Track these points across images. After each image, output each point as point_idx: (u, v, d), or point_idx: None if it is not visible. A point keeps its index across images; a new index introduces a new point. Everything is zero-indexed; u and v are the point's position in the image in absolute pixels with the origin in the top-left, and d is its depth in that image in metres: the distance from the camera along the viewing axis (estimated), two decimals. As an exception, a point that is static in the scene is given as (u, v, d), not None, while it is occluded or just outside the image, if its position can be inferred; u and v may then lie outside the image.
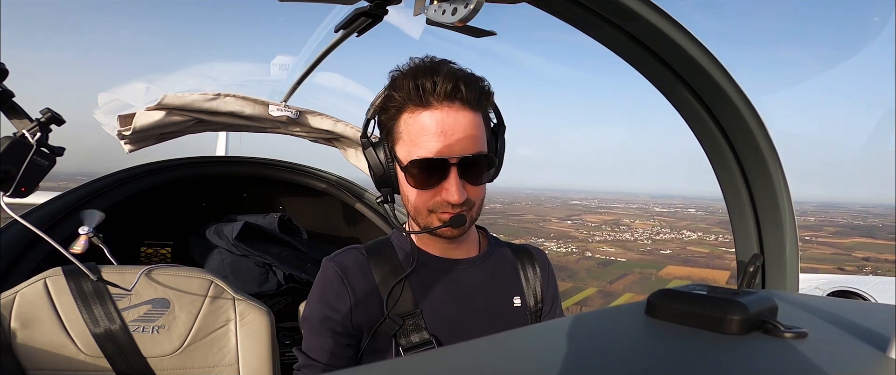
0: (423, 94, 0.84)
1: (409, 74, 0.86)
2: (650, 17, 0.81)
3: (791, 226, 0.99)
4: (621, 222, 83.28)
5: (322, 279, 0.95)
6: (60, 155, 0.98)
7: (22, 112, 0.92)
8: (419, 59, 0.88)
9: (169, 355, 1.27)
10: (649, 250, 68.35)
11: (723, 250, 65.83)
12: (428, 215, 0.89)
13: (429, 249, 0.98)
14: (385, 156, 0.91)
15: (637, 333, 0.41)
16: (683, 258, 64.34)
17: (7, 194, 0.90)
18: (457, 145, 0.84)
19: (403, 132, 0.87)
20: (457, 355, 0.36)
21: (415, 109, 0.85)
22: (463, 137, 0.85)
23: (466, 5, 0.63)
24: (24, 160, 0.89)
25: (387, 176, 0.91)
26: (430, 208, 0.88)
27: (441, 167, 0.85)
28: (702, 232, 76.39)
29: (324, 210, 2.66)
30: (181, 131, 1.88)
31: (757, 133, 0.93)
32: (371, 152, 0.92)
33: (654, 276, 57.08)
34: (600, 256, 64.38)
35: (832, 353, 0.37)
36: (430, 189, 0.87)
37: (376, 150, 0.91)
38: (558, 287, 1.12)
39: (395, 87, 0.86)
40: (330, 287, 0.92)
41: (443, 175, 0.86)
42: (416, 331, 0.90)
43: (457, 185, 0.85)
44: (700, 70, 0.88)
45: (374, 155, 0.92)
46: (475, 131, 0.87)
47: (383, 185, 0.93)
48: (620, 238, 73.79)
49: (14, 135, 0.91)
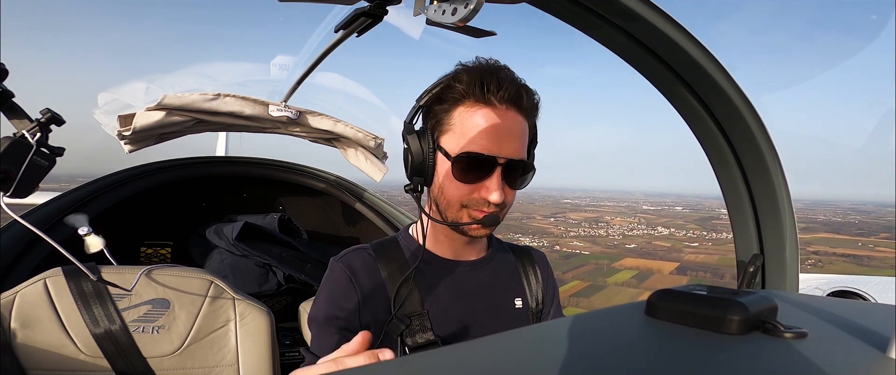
0: (486, 92, 0.86)
1: (476, 70, 0.87)
2: (650, 17, 0.81)
3: (791, 226, 0.99)
4: (602, 219, 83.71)
5: (330, 279, 0.95)
6: (60, 155, 0.98)
7: (22, 112, 0.92)
8: (484, 59, 0.90)
9: (169, 355, 1.27)
10: (616, 244, 69.42)
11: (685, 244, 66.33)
12: (459, 209, 0.90)
13: (436, 250, 0.98)
14: (427, 145, 0.90)
15: (637, 333, 0.41)
16: (644, 252, 65.24)
17: (7, 194, 0.90)
18: (507, 146, 0.87)
19: (457, 124, 0.88)
20: (460, 354, 0.36)
21: (474, 105, 0.87)
22: (513, 141, 0.87)
23: (466, 5, 0.63)
24: (24, 161, 0.90)
25: (425, 165, 0.91)
26: (465, 202, 0.89)
27: (488, 165, 0.87)
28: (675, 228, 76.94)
29: (323, 210, 2.66)
30: (181, 132, 1.88)
31: (757, 133, 0.93)
32: (414, 137, 0.91)
33: (607, 266, 58.89)
34: (567, 249, 65.58)
35: (832, 353, 0.37)
36: (471, 184, 0.88)
37: (421, 137, 0.91)
38: (558, 289, 1.12)
39: (460, 79, 0.87)
40: (337, 287, 0.92)
41: (487, 173, 0.87)
42: (422, 331, 0.90)
43: (499, 184, 0.87)
44: (700, 70, 0.88)
45: (416, 142, 0.91)
46: (523, 138, 0.90)
47: (418, 173, 0.92)
48: (594, 234, 74.92)
49: (14, 135, 0.91)
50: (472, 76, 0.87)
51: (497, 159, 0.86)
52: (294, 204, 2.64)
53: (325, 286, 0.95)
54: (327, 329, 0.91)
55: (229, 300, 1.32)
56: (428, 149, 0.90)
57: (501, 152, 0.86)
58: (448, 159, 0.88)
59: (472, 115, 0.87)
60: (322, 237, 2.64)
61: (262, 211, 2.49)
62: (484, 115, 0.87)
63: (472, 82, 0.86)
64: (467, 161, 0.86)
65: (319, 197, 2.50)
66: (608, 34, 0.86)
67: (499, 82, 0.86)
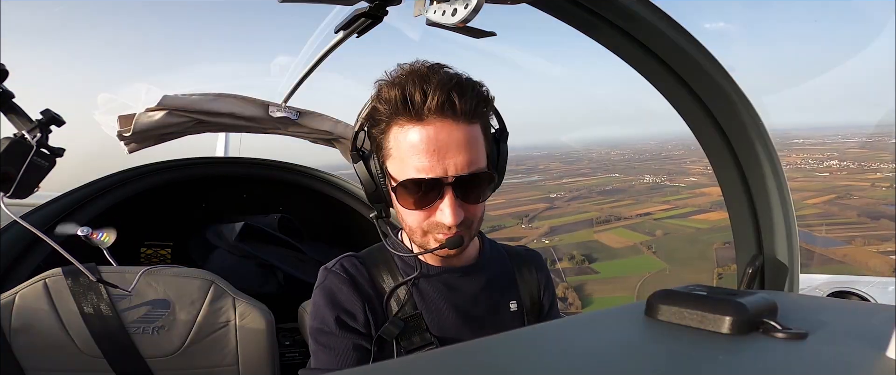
0: (412, 107, 0.76)
1: (396, 83, 0.78)
2: (650, 18, 0.81)
3: (791, 226, 0.99)
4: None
5: (326, 286, 0.91)
6: (60, 156, 0.98)
7: (22, 113, 0.92)
8: (409, 65, 0.80)
9: (169, 355, 1.27)
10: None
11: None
12: (423, 235, 0.85)
13: (426, 259, 0.95)
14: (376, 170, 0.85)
15: (636, 334, 0.41)
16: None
17: (7, 194, 0.91)
18: (451, 163, 0.77)
19: (393, 148, 0.81)
20: (459, 355, 0.36)
21: (404, 124, 0.78)
22: (458, 154, 0.78)
23: (466, 6, 0.63)
24: (24, 161, 0.90)
25: (379, 192, 0.86)
26: (425, 229, 0.84)
27: (436, 187, 0.79)
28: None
29: (324, 211, 2.66)
30: (181, 132, 1.88)
31: (756, 133, 0.93)
32: (361, 166, 0.85)
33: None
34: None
35: (832, 353, 0.37)
36: (425, 209, 0.81)
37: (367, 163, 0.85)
38: (555, 288, 1.11)
39: (382, 98, 0.79)
40: (339, 292, 0.90)
41: (438, 195, 0.80)
42: (417, 332, 0.89)
43: (452, 207, 0.79)
44: (700, 70, 0.88)
45: (364, 170, 0.85)
46: (472, 146, 0.79)
47: (377, 201, 0.87)
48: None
49: (14, 136, 0.91)
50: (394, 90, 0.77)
51: (443, 180, 0.78)
52: (294, 204, 2.63)
53: (323, 295, 0.91)
54: (338, 334, 0.88)
55: (229, 301, 1.32)
56: (378, 175, 0.85)
57: (447, 172, 0.78)
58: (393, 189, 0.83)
59: (405, 135, 0.78)
60: (322, 238, 2.63)
61: (263, 211, 2.48)
62: (417, 132, 0.77)
63: (394, 98, 0.77)
64: (411, 188, 0.79)
65: (319, 197, 2.49)
66: (608, 34, 0.86)
67: (424, 92, 0.76)
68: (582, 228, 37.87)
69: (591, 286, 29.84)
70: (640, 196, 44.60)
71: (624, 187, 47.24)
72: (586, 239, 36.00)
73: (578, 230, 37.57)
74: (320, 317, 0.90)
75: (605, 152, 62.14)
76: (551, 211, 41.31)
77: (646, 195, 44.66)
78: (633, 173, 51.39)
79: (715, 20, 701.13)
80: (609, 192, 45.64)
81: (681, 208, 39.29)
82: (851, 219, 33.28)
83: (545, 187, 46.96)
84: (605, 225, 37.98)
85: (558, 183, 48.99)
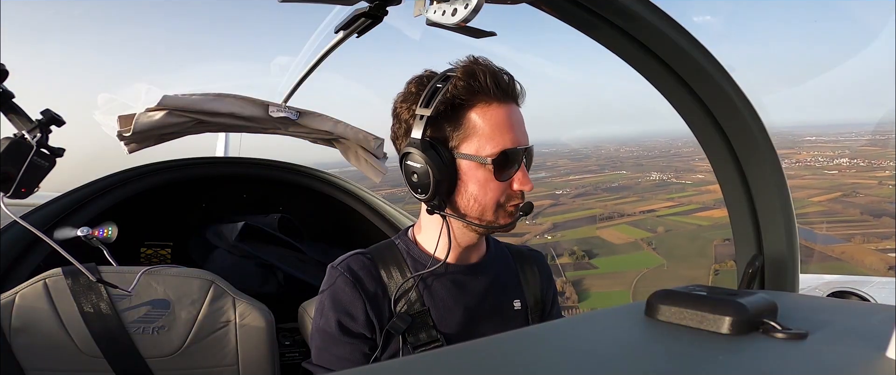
0: (500, 87, 0.87)
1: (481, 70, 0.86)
2: (650, 17, 0.81)
3: (791, 226, 0.99)
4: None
5: (331, 286, 0.93)
6: (60, 156, 0.98)
7: (22, 113, 0.92)
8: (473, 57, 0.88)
9: (169, 355, 1.27)
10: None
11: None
12: (495, 210, 0.90)
13: (439, 254, 0.94)
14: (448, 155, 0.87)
15: (636, 334, 0.41)
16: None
17: (7, 194, 0.91)
18: (524, 136, 0.90)
19: (479, 126, 0.87)
20: (463, 354, 0.36)
21: (490, 103, 0.87)
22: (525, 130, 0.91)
23: (466, 6, 0.63)
24: (24, 161, 0.90)
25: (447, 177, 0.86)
26: (501, 201, 0.90)
27: (519, 158, 0.89)
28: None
29: (324, 211, 2.66)
30: (181, 132, 1.88)
31: (756, 133, 0.93)
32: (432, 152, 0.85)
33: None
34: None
35: (832, 353, 0.37)
36: (506, 181, 0.89)
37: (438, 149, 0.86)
38: (556, 287, 1.12)
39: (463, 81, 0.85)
40: (342, 293, 0.91)
41: (517, 166, 0.89)
42: (424, 329, 0.90)
43: (526, 174, 0.90)
44: (700, 70, 0.88)
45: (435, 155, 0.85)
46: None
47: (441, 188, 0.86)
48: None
49: (14, 136, 0.91)
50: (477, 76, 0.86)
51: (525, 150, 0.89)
52: (294, 204, 2.63)
53: (328, 295, 0.93)
54: (338, 338, 0.90)
55: (229, 301, 1.32)
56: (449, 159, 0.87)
57: (526, 143, 0.90)
58: (482, 163, 0.86)
59: (492, 113, 0.87)
60: (322, 238, 2.63)
61: (263, 211, 2.48)
62: (502, 110, 0.88)
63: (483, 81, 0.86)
64: (505, 160, 0.87)
65: (319, 197, 2.50)
66: (608, 34, 0.86)
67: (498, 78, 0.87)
68: (585, 224, 37.94)
69: (589, 280, 29.96)
70: (645, 193, 44.61)
71: (630, 184, 47.19)
72: (588, 235, 36.04)
73: (581, 227, 37.62)
74: (322, 317, 0.93)
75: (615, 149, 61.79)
76: (555, 208, 41.37)
77: (651, 192, 44.61)
78: (641, 170, 51.40)
79: (702, 14, 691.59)
80: (615, 189, 45.65)
81: (685, 205, 39.35)
82: (854, 217, 33.36)
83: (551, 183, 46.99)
84: (607, 222, 38.03)
85: (565, 180, 48.99)
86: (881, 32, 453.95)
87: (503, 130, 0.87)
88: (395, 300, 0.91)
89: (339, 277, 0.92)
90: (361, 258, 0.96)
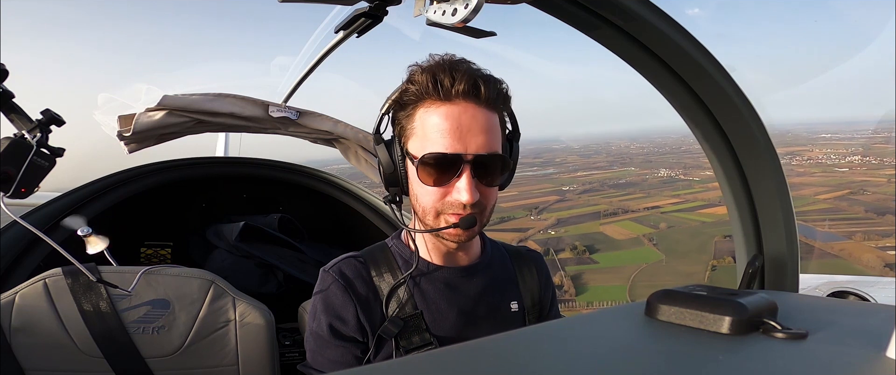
0: (441, 89, 0.82)
1: (427, 69, 0.85)
2: (650, 17, 0.81)
3: (791, 226, 0.99)
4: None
5: (324, 290, 0.93)
6: (60, 156, 0.98)
7: (22, 113, 0.92)
8: (439, 56, 0.86)
9: (169, 355, 1.27)
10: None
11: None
12: (436, 216, 0.87)
13: (428, 256, 0.95)
14: (397, 153, 0.88)
15: (636, 334, 0.41)
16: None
17: (7, 194, 0.90)
18: (472, 142, 0.83)
19: (418, 127, 0.85)
20: (459, 355, 0.36)
21: (432, 105, 0.84)
22: (479, 136, 0.83)
23: (466, 6, 0.63)
24: (24, 161, 0.90)
25: (396, 174, 0.89)
26: (439, 209, 0.86)
27: (455, 164, 0.83)
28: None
29: (324, 210, 2.66)
30: (181, 132, 1.88)
31: (757, 134, 0.93)
32: (382, 148, 0.89)
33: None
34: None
35: (832, 353, 0.37)
36: (442, 187, 0.84)
37: (389, 146, 0.89)
38: (555, 287, 1.12)
39: (413, 81, 0.85)
40: (333, 297, 0.91)
41: (456, 173, 0.83)
42: (417, 332, 0.90)
43: (469, 184, 0.82)
44: (700, 70, 0.88)
45: (385, 152, 0.89)
46: (491, 131, 0.85)
47: (393, 184, 0.90)
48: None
49: (14, 135, 0.91)
50: (425, 75, 0.84)
51: (462, 157, 0.82)
52: (294, 204, 2.63)
53: (320, 298, 0.93)
54: (329, 342, 0.90)
55: (229, 301, 1.32)
56: (397, 157, 0.88)
57: (467, 149, 0.82)
58: (413, 165, 0.86)
59: (430, 114, 0.84)
60: (322, 238, 2.63)
61: (263, 211, 2.48)
62: (443, 112, 0.83)
63: (425, 81, 0.83)
64: (431, 163, 0.83)
65: (319, 197, 2.50)
66: (608, 34, 0.86)
67: (452, 77, 0.82)
68: (588, 220, 37.97)
69: (589, 275, 30.05)
70: (651, 190, 44.54)
71: (637, 181, 47.10)
72: (591, 231, 36.09)
73: (585, 222, 37.67)
74: (315, 320, 0.93)
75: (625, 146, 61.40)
76: (561, 203, 41.37)
77: (657, 189, 44.54)
78: (649, 166, 51.27)
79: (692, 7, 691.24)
80: (621, 185, 45.60)
81: (690, 201, 39.32)
82: (858, 215, 33.39)
83: (559, 179, 46.87)
84: (611, 218, 38.04)
85: (572, 176, 48.87)
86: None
87: (435, 133, 0.83)
88: (386, 304, 0.91)
89: (331, 281, 0.93)
90: (353, 261, 0.95)
